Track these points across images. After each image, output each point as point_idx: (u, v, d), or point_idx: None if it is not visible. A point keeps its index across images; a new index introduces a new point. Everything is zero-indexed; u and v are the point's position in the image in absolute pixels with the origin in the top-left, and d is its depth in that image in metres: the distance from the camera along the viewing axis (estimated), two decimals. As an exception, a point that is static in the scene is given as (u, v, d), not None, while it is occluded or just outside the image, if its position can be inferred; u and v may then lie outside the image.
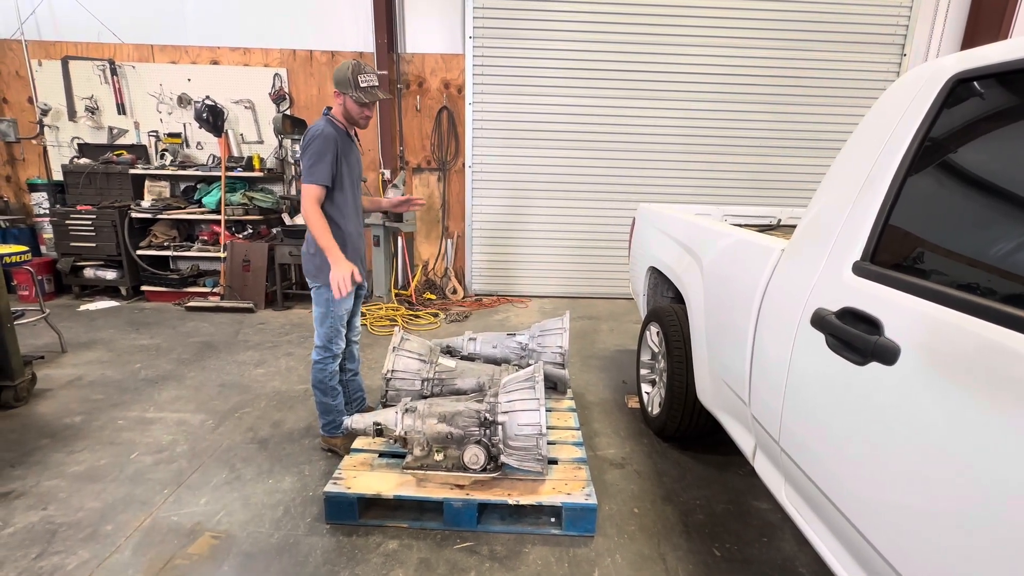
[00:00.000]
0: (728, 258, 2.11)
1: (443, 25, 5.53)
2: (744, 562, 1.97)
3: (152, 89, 5.57)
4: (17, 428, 2.80)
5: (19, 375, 3.02)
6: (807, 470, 1.41)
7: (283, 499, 2.27)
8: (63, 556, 1.91)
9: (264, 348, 4.12)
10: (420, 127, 5.78)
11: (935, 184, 1.26)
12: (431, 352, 2.75)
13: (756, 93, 5.59)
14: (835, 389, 1.30)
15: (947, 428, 0.99)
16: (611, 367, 3.92)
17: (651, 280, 3.17)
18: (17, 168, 5.81)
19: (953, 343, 1.01)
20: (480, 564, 1.92)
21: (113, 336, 4.31)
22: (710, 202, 5.61)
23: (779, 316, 1.61)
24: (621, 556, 1.98)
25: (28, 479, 2.36)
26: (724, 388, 2.02)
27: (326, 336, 2.46)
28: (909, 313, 1.12)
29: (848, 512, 1.23)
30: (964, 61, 1.24)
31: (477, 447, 2.10)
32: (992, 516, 0.89)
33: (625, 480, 2.48)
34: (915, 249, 1.25)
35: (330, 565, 1.90)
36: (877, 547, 1.13)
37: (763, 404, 1.68)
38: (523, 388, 2.17)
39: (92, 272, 5.38)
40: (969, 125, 1.24)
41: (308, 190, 2.26)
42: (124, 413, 3.00)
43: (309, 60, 5.58)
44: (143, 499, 2.25)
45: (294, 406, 3.14)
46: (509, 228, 6.01)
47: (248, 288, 5.26)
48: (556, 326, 3.08)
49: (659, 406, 2.80)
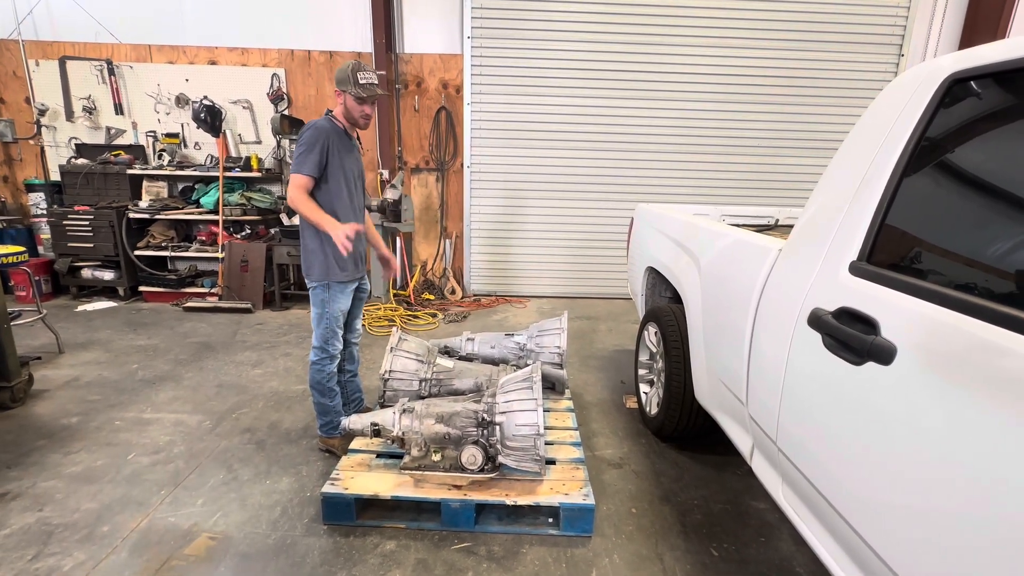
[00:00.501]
0: (725, 258, 2.11)
1: (441, 25, 5.53)
2: (742, 562, 1.97)
3: (150, 89, 5.56)
4: (14, 429, 2.80)
5: (16, 376, 3.02)
6: (804, 470, 1.41)
7: (280, 500, 2.27)
8: (59, 557, 1.90)
9: (262, 348, 4.11)
10: (418, 127, 5.78)
11: (931, 184, 1.26)
12: (429, 352, 2.74)
13: (753, 93, 5.60)
14: (832, 389, 1.30)
15: (944, 428, 0.99)
16: (609, 367, 3.92)
17: (649, 280, 3.17)
18: (14, 168, 5.80)
19: (949, 343, 1.01)
20: (478, 564, 1.92)
21: (110, 337, 4.30)
22: (708, 202, 5.61)
23: (776, 316, 1.61)
24: (619, 556, 1.98)
25: (24, 480, 2.36)
26: (722, 388, 2.02)
27: (323, 337, 2.46)
28: (905, 313, 1.12)
29: (845, 512, 1.23)
30: (961, 61, 1.24)
31: (475, 447, 2.10)
32: (989, 515, 0.89)
33: (623, 480, 2.48)
34: (911, 249, 1.25)
35: (327, 566, 1.89)
36: (874, 547, 1.13)
37: (760, 404, 1.68)
38: (521, 388, 2.17)
39: (90, 272, 5.37)
40: (965, 125, 1.23)
41: (294, 179, 2.28)
42: (121, 414, 3.00)
43: (307, 60, 5.57)
44: (140, 500, 2.24)
45: (292, 407, 3.13)
46: (507, 228, 6.00)
47: (246, 288, 5.25)
48: (554, 326, 3.08)
49: (657, 406, 2.80)
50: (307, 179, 2.29)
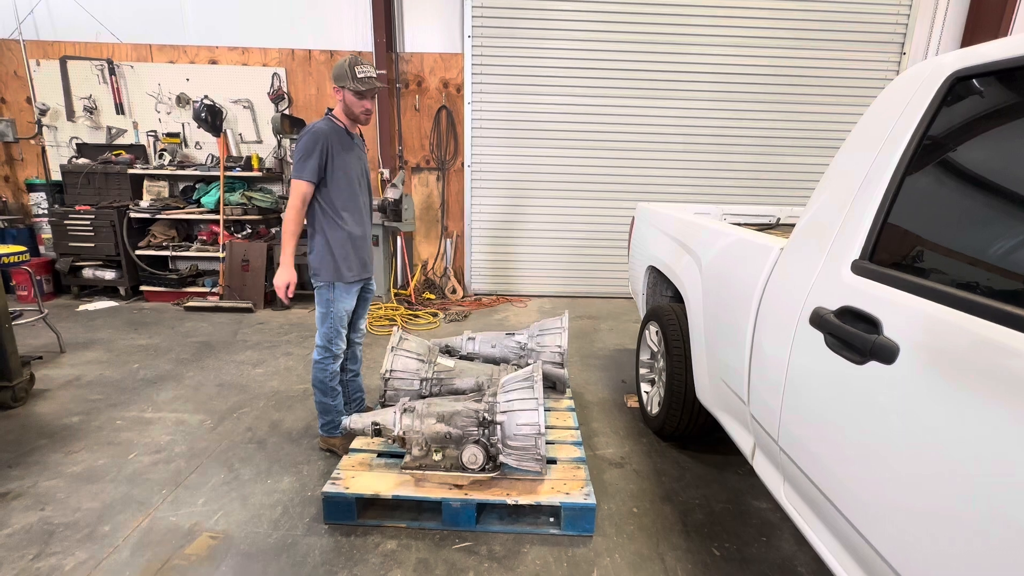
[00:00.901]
0: (727, 257, 2.11)
1: (442, 24, 5.53)
2: (743, 562, 1.97)
3: (150, 89, 5.56)
4: (15, 428, 2.80)
5: (17, 375, 3.02)
6: (806, 469, 1.41)
7: (281, 499, 2.27)
8: (60, 557, 1.90)
9: (263, 348, 4.11)
10: (419, 126, 5.78)
11: (934, 182, 1.26)
12: (430, 352, 2.74)
13: (755, 92, 5.59)
14: (834, 388, 1.29)
15: (947, 426, 0.98)
16: (610, 367, 3.92)
17: (650, 279, 3.17)
18: (15, 168, 5.81)
19: (952, 341, 1.00)
20: (479, 564, 1.92)
21: (112, 336, 4.30)
22: (709, 201, 5.61)
23: (778, 315, 1.60)
24: (620, 556, 1.98)
25: (26, 479, 2.36)
26: (723, 387, 2.01)
27: (326, 336, 2.46)
28: (908, 312, 1.12)
29: (847, 511, 1.23)
30: (964, 59, 1.24)
31: (476, 447, 2.10)
32: (993, 514, 0.89)
33: (624, 479, 2.48)
34: (914, 248, 1.25)
35: (328, 565, 1.89)
36: (876, 547, 1.13)
37: (762, 403, 1.67)
38: (522, 388, 2.17)
39: (91, 272, 5.37)
40: (968, 123, 1.23)
41: (294, 185, 2.31)
42: (122, 413, 3.00)
43: (308, 59, 5.57)
44: (141, 499, 2.25)
45: (293, 406, 3.13)
46: (508, 228, 6.00)
47: (247, 288, 5.26)
48: (555, 325, 3.08)
49: (658, 405, 2.79)
50: (307, 185, 2.29)
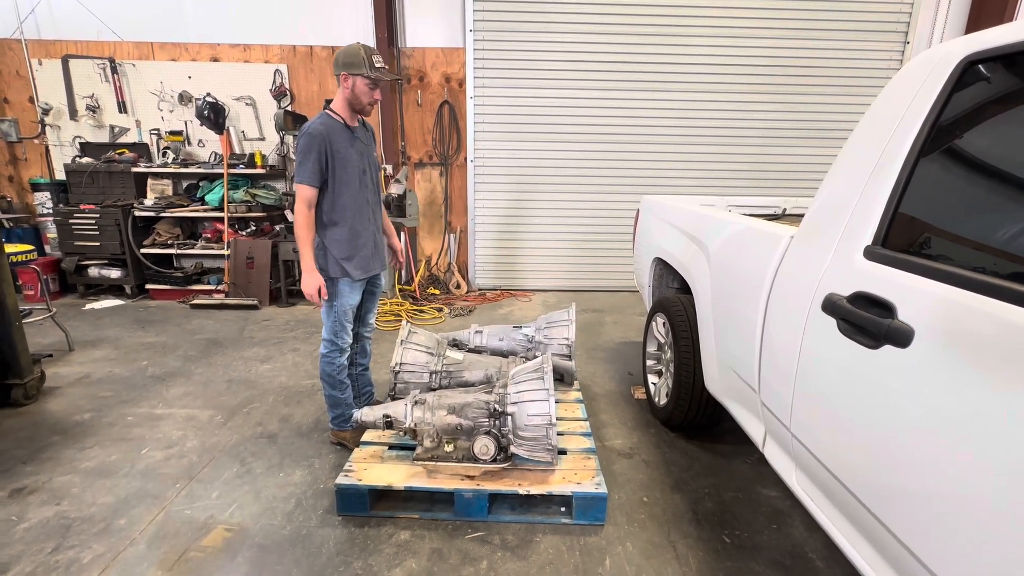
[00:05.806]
0: (735, 246, 2.11)
1: (443, 18, 5.51)
2: (754, 549, 1.98)
3: (153, 87, 5.56)
4: (28, 425, 2.82)
5: (28, 373, 3.04)
6: (819, 456, 1.42)
7: (294, 492, 2.29)
8: (78, 550, 1.93)
9: (270, 344, 4.13)
10: (421, 122, 5.77)
11: (947, 167, 1.26)
12: (438, 345, 2.75)
13: (758, 83, 5.56)
14: (847, 374, 1.30)
15: (963, 409, 0.99)
16: (616, 359, 3.93)
17: (656, 271, 3.17)
18: (19, 168, 5.81)
19: (969, 324, 1.01)
20: (492, 553, 1.94)
21: (119, 334, 4.32)
22: (713, 193, 5.60)
23: (789, 303, 1.61)
24: (632, 544, 2.00)
25: (40, 475, 2.38)
26: (733, 376, 2.02)
27: (332, 330, 2.47)
28: (923, 295, 1.12)
29: (863, 497, 1.24)
30: (975, 43, 1.24)
31: (487, 438, 2.11)
32: (1011, 499, 0.89)
33: (633, 470, 2.49)
34: (928, 232, 1.25)
35: (343, 555, 1.91)
36: (894, 531, 1.14)
37: (773, 391, 1.68)
38: (532, 379, 2.18)
39: (96, 271, 5.38)
40: (980, 108, 1.23)
41: (298, 191, 2.30)
42: (133, 410, 3.02)
43: (309, 56, 5.56)
44: (155, 493, 2.27)
45: (302, 401, 3.15)
46: (512, 222, 6.00)
47: (252, 285, 5.27)
48: (562, 318, 3.08)
49: (666, 396, 2.81)
50: (309, 188, 2.27)
